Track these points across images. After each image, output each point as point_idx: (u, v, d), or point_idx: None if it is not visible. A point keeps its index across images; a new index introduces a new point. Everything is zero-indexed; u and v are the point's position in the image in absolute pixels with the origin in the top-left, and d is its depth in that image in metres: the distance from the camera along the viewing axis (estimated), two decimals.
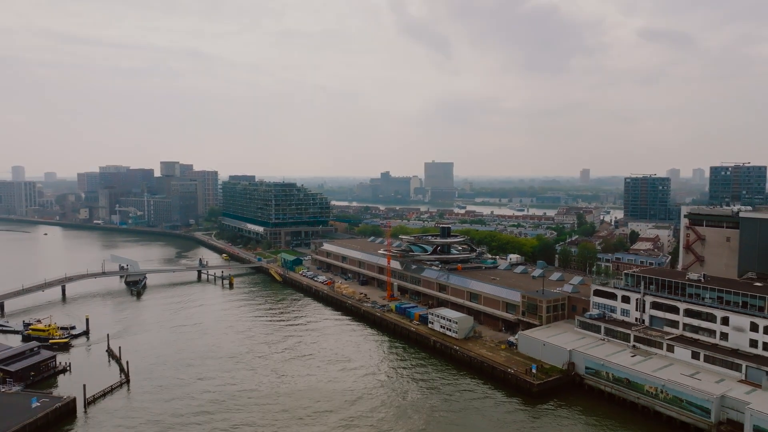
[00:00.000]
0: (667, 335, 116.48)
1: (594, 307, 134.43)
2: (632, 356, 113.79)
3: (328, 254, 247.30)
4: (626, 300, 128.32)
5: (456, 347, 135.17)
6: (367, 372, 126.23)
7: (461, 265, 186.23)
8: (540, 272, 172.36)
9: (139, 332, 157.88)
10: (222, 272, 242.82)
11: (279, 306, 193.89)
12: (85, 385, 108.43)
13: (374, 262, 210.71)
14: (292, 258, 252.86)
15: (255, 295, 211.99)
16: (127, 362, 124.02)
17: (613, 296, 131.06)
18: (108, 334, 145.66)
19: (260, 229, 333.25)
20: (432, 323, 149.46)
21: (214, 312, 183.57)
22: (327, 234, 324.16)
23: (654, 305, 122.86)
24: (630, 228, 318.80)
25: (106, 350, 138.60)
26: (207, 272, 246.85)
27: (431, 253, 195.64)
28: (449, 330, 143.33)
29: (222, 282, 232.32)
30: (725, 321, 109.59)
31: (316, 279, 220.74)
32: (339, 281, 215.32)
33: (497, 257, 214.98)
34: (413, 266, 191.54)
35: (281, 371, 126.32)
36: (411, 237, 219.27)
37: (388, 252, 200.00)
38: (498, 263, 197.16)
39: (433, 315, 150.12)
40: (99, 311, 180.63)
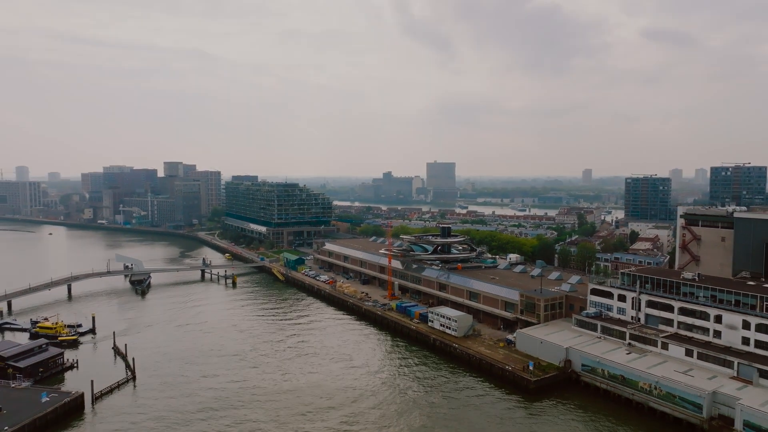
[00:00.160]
0: (662, 333, 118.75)
1: (591, 306, 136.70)
2: (627, 354, 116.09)
3: (330, 254, 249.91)
4: (622, 299, 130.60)
5: (455, 345, 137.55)
6: (369, 370, 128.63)
7: (461, 265, 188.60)
8: (539, 272, 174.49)
9: (144, 330, 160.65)
10: (225, 272, 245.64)
11: (282, 305, 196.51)
12: (93, 381, 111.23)
13: (375, 262, 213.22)
14: (295, 258, 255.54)
15: (258, 295, 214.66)
16: (133, 359, 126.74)
17: (610, 295, 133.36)
18: (114, 332, 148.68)
19: (263, 229, 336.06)
20: (432, 322, 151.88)
21: (218, 311, 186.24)
22: (329, 234, 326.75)
23: (649, 304, 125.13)
24: (630, 228, 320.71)
25: (112, 347, 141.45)
26: (210, 272, 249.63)
27: (432, 253, 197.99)
28: (449, 328, 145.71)
29: (225, 281, 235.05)
30: (718, 319, 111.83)
31: (319, 278, 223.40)
32: (341, 280, 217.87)
33: (497, 257, 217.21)
34: (414, 266, 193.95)
35: (284, 369, 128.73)
36: (412, 237, 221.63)
37: (389, 251, 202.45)
38: (498, 263, 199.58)
39: (433, 313, 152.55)
40: (104, 310, 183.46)
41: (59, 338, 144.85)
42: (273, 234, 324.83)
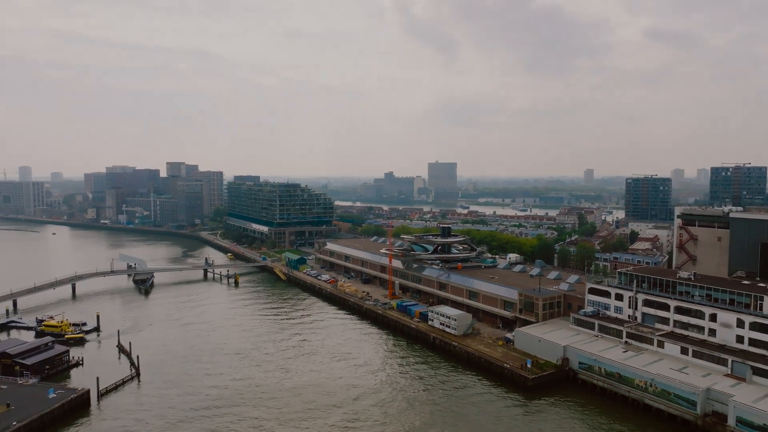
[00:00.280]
0: (658, 331, 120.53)
1: (588, 305, 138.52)
2: (624, 352, 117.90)
3: (332, 253, 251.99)
4: (619, 298, 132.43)
5: (455, 343, 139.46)
6: (369, 368, 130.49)
7: (461, 264, 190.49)
8: (538, 271, 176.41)
9: (148, 329, 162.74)
10: (228, 271, 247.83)
11: (283, 304, 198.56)
12: (98, 378, 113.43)
13: (376, 261, 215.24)
14: (296, 257, 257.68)
15: (260, 294, 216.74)
16: (138, 357, 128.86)
17: (607, 294, 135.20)
18: (118, 330, 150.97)
19: (265, 229, 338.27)
20: (432, 320, 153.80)
21: (221, 310, 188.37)
22: (330, 234, 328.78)
23: (646, 303, 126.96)
24: (630, 228, 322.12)
25: (117, 345, 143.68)
26: (213, 271, 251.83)
27: (432, 253, 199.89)
28: (448, 327, 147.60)
29: (228, 281, 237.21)
30: (713, 318, 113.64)
31: (320, 278, 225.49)
32: (342, 280, 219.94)
33: (497, 257, 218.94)
34: (414, 265, 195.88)
35: (286, 367, 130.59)
36: (412, 237, 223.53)
37: (390, 251, 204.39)
38: (497, 262, 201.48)
39: (433, 312, 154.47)
40: (108, 308, 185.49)
41: (66, 336, 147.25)
42: (275, 234, 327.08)
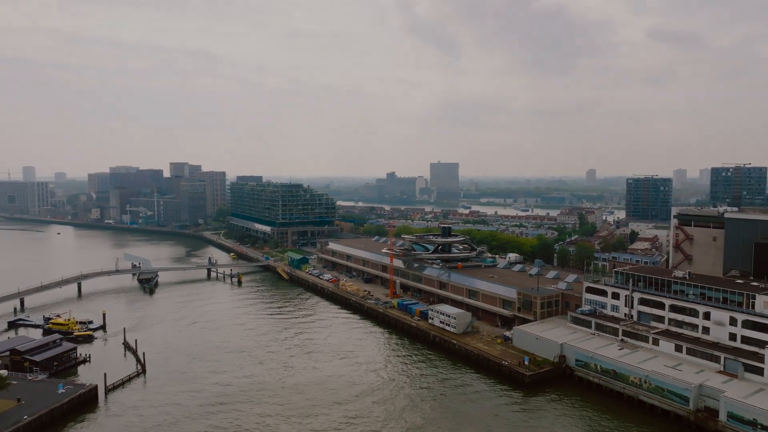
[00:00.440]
0: (653, 329, 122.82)
1: (586, 304, 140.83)
2: (620, 349, 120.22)
3: (334, 253, 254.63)
4: (616, 297, 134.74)
5: (454, 341, 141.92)
6: (370, 365, 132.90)
7: (461, 264, 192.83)
8: (537, 271, 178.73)
9: (153, 327, 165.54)
10: (231, 270, 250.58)
11: (286, 303, 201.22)
12: (106, 374, 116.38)
13: (378, 261, 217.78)
14: (299, 257, 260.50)
15: (263, 293, 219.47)
16: (144, 353, 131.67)
17: (604, 293, 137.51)
18: (124, 328, 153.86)
19: (267, 229, 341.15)
20: (432, 319, 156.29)
21: (224, 308, 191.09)
22: (332, 234, 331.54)
23: (642, 301, 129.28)
24: (630, 228, 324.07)
25: (123, 343, 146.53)
26: (216, 270, 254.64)
27: (432, 252, 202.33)
28: (448, 325, 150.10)
29: (231, 280, 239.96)
30: (707, 316, 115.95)
31: (322, 277, 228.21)
32: (344, 279, 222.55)
33: (497, 256, 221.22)
34: (415, 265, 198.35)
35: (289, 364, 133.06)
36: (413, 236, 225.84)
37: (391, 251, 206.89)
38: (497, 262, 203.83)
39: (433, 311, 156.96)
40: (114, 307, 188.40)
41: (75, 334, 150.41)
42: (277, 234, 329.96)
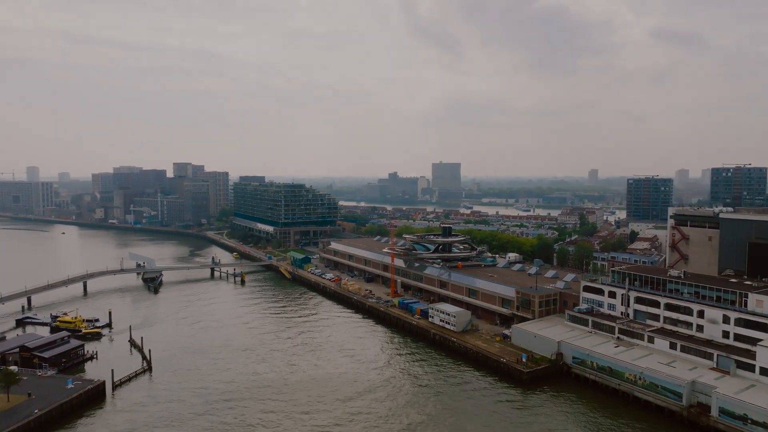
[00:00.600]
0: (649, 328, 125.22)
1: (583, 302, 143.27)
2: (615, 347, 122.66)
3: (336, 253, 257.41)
4: (613, 295, 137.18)
5: (454, 339, 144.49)
6: (372, 363, 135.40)
7: (461, 263, 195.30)
8: (536, 270, 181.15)
9: (158, 325, 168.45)
10: (234, 270, 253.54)
11: (289, 302, 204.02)
12: (113, 370, 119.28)
13: (379, 261, 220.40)
14: (301, 256, 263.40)
15: (266, 292, 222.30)
16: (150, 351, 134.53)
17: (601, 292, 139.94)
18: (130, 326, 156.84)
19: (270, 229, 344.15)
20: (432, 317, 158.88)
21: (228, 307, 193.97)
22: (335, 233, 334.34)
23: (638, 300, 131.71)
24: (630, 228, 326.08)
25: (129, 340, 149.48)
26: (220, 270, 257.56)
27: (433, 252, 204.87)
28: (448, 323, 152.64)
29: (234, 279, 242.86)
30: (701, 314, 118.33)
31: (324, 276, 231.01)
32: (346, 278, 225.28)
33: (497, 256, 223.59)
34: (416, 264, 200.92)
35: (291, 362, 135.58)
36: (414, 236, 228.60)
37: (392, 250, 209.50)
38: (497, 261, 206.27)
39: (433, 309, 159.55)
40: (119, 305, 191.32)
41: (84, 331, 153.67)
42: (280, 233, 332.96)
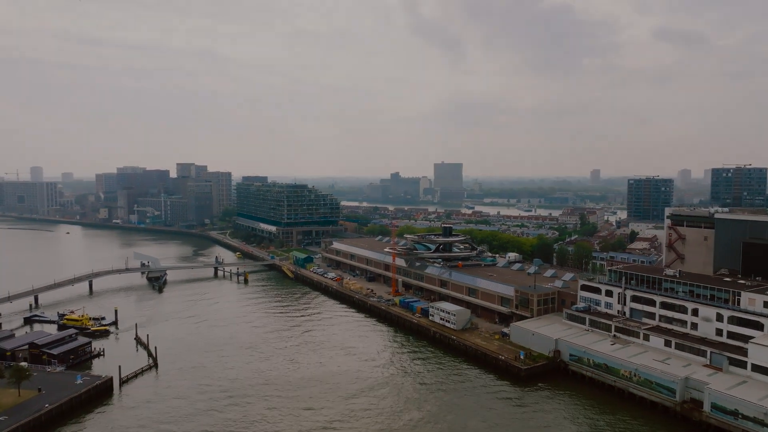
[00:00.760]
0: (644, 326, 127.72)
1: (581, 301, 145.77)
2: (611, 344, 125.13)
3: (338, 252, 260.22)
4: (609, 294, 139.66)
5: (454, 337, 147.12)
6: (373, 361, 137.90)
7: (462, 263, 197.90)
8: (535, 269, 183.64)
9: (163, 323, 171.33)
10: (237, 269, 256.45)
11: (291, 301, 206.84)
12: (120, 367, 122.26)
13: (381, 260, 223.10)
14: (304, 256, 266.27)
15: (269, 291, 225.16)
16: (156, 348, 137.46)
17: (598, 291, 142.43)
18: (136, 324, 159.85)
19: (273, 229, 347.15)
20: (432, 316, 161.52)
21: (231, 306, 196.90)
22: (337, 233, 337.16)
23: (634, 298, 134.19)
24: (630, 228, 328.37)
25: (135, 338, 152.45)
26: (223, 269, 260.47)
27: (434, 252, 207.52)
28: (448, 322, 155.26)
29: (237, 278, 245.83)
30: (695, 312, 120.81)
31: (326, 276, 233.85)
32: (347, 278, 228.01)
33: (497, 255, 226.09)
34: (417, 263, 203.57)
35: (294, 360, 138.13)
36: (415, 236, 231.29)
37: (394, 250, 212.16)
38: (497, 261, 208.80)
39: (434, 308, 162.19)
40: (124, 304, 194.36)
41: (92, 329, 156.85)
42: (283, 233, 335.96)
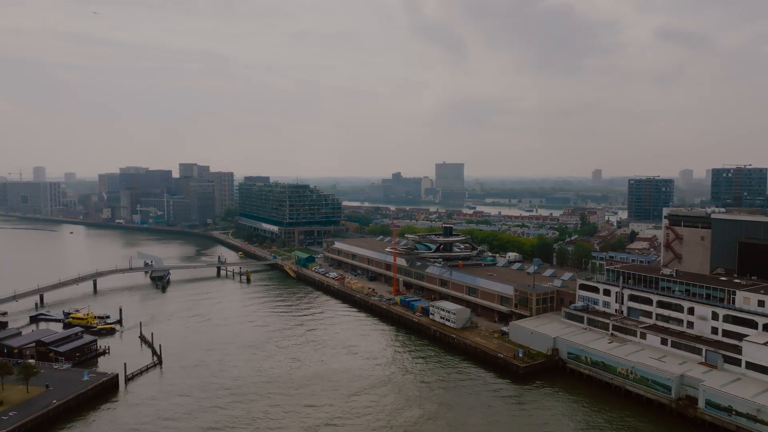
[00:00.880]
0: (641, 324, 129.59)
1: (579, 300, 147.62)
2: (609, 342, 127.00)
3: (339, 252, 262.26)
4: (607, 293, 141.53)
5: (454, 336, 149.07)
6: (374, 359, 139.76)
7: (462, 262, 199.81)
8: (534, 269, 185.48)
9: (167, 322, 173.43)
10: (240, 269, 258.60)
11: (293, 300, 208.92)
12: (126, 364, 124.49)
13: (382, 260, 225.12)
14: (306, 256, 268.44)
15: (271, 290, 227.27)
16: (160, 345, 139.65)
17: (596, 290, 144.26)
18: (141, 322, 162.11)
19: (275, 229, 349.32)
20: (433, 315, 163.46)
21: (234, 305, 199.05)
22: (338, 233, 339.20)
23: (631, 297, 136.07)
24: (631, 228, 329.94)
25: (139, 336, 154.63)
26: (226, 269, 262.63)
27: (434, 251, 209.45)
28: (448, 321, 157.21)
29: (240, 278, 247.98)
30: (691, 311, 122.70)
31: (328, 275, 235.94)
32: (349, 277, 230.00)
33: (497, 255, 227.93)
34: (418, 263, 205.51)
35: (296, 358, 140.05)
36: (416, 236, 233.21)
37: (395, 250, 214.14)
38: (497, 261, 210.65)
39: (434, 307, 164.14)
40: (128, 303, 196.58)
41: (98, 327, 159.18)
42: (285, 233, 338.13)
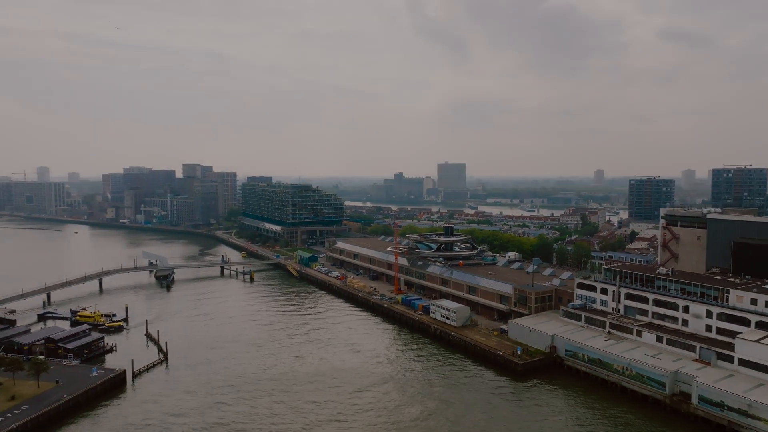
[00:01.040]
0: (638, 322, 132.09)
1: (577, 299, 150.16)
2: (606, 340, 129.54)
3: (342, 252, 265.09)
4: (605, 292, 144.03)
5: (454, 334, 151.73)
6: (376, 357, 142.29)
7: (462, 262, 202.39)
8: (534, 268, 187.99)
9: (172, 320, 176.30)
10: (243, 268, 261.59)
11: (296, 299, 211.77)
12: (133, 360, 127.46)
13: (383, 259, 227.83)
14: (308, 255, 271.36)
15: (274, 289, 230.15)
16: (166, 343, 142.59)
17: (594, 288, 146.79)
18: (146, 320, 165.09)
19: (278, 228, 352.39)
20: (433, 313, 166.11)
21: (238, 303, 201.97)
22: (341, 233, 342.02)
23: (628, 296, 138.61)
24: (631, 228, 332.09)
25: (145, 334, 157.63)
26: (229, 268, 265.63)
27: (435, 251, 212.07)
28: (448, 319, 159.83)
29: (243, 277, 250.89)
30: (686, 309, 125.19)
31: (330, 274, 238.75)
32: (351, 276, 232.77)
33: (497, 255, 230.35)
34: (419, 262, 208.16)
35: (299, 356, 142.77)
36: (417, 236, 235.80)
37: (396, 249, 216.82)
38: (497, 260, 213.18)
39: (435, 306, 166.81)
40: (134, 302, 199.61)
41: (106, 325, 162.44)
42: (287, 233, 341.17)
